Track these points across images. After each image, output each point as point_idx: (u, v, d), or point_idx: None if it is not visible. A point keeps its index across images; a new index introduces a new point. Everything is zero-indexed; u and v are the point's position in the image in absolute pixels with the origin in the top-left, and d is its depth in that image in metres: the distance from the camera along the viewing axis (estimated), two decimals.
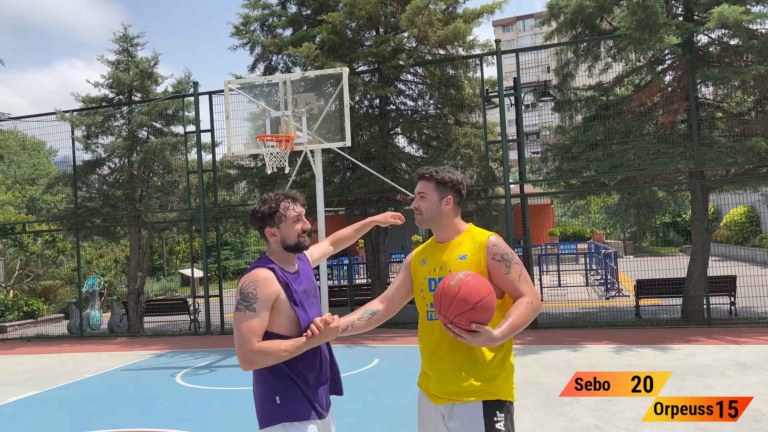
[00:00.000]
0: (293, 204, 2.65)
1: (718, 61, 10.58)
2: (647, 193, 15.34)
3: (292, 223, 2.62)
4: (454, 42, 11.55)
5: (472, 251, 2.59)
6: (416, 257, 2.79)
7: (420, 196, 2.70)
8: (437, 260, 2.65)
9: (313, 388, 2.62)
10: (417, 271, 2.74)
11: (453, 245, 2.66)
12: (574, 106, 11.99)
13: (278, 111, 9.35)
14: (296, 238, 2.63)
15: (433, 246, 2.74)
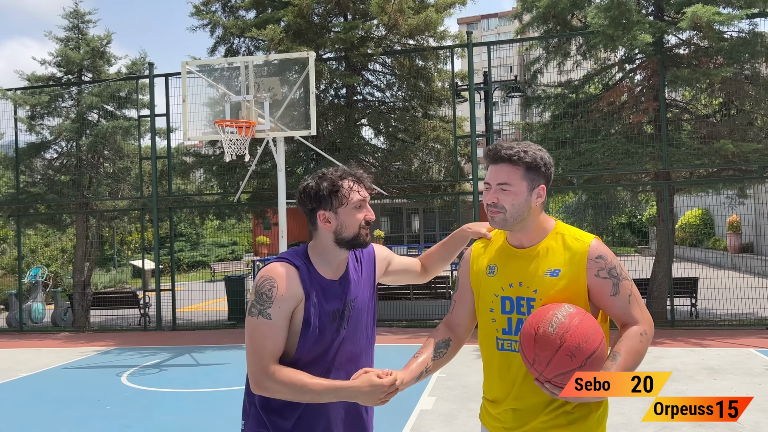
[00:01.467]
0: (358, 185, 2.02)
1: (687, 63, 10.56)
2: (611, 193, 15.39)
3: (353, 209, 1.99)
4: (425, 32, 11.22)
5: (567, 264, 1.95)
6: (477, 262, 2.14)
7: (501, 188, 1.95)
8: (514, 272, 2.01)
9: None
10: (481, 281, 2.10)
11: (538, 253, 2.00)
12: (543, 103, 11.83)
13: (239, 96, 8.84)
14: (357, 229, 2.00)
15: (506, 250, 2.07)
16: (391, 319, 11.82)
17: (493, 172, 1.98)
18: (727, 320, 10.58)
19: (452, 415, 5.80)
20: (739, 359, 7.73)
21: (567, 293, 1.92)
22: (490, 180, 1.99)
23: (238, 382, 7.34)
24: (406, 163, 11.85)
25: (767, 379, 6.72)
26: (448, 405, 6.11)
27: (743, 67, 10.41)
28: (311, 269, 2.00)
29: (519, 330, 1.93)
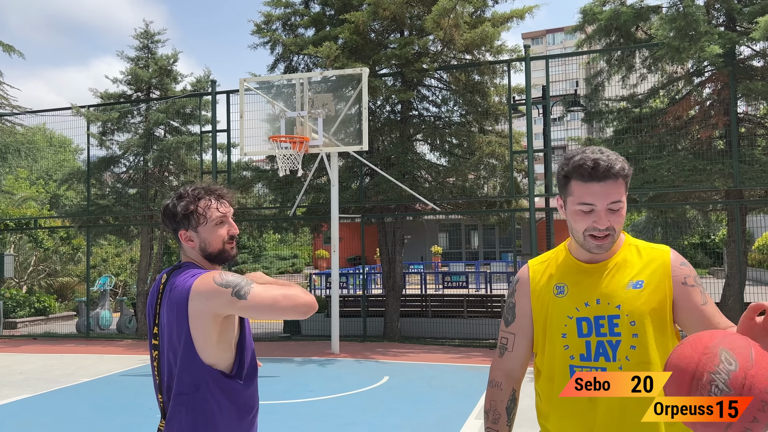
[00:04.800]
0: (217, 202, 2.03)
1: (761, 75, 9.96)
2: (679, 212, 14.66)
3: (214, 226, 2.02)
4: (481, 46, 11.08)
5: (649, 274, 1.78)
6: (539, 283, 1.89)
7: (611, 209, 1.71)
8: (590, 290, 1.80)
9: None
10: (545, 303, 1.86)
11: (616, 266, 1.81)
12: (605, 118, 11.43)
13: (294, 111, 8.97)
14: (220, 245, 2.03)
15: (574, 266, 1.85)
16: (443, 337, 11.62)
17: (600, 191, 1.71)
18: None
19: None
20: None
21: (652, 305, 1.76)
22: (595, 200, 1.71)
23: (288, 396, 7.36)
24: (461, 178, 11.69)
25: None
26: None
27: None
28: None
29: (600, 355, 1.75)
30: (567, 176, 1.76)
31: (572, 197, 1.76)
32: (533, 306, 1.89)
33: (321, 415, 6.56)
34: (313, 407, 6.91)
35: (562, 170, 1.79)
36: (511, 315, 1.94)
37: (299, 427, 6.08)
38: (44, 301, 16.53)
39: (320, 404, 7.03)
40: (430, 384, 8.01)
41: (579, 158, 1.74)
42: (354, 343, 11.30)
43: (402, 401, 7.12)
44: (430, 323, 12.13)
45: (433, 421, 6.22)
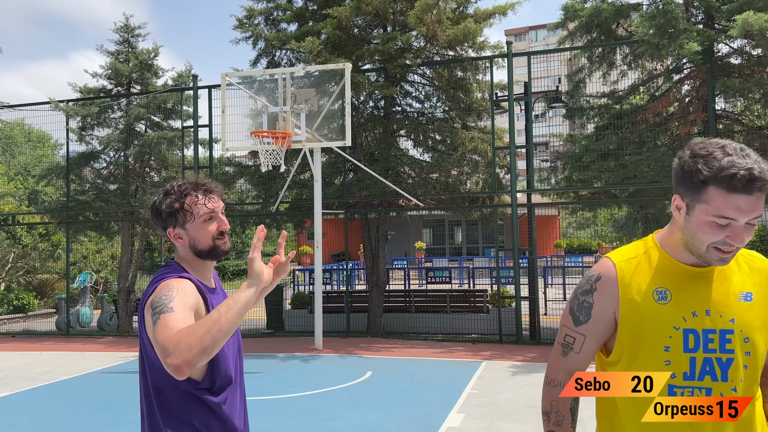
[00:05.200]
0: (204, 197, 1.95)
1: (738, 72, 10.12)
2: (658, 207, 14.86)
3: (203, 222, 1.94)
4: (464, 42, 11.11)
5: (757, 286, 1.63)
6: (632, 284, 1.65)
7: (750, 224, 1.52)
8: (698, 298, 1.60)
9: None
10: (645, 311, 1.62)
11: (719, 273, 1.63)
12: (587, 114, 11.54)
13: (277, 107, 8.93)
14: (211, 242, 1.95)
15: (678, 269, 1.64)
16: (426, 332, 11.67)
17: (746, 206, 1.49)
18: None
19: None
20: None
21: (762, 320, 1.59)
22: (738, 215, 1.49)
23: (271, 392, 7.36)
24: (444, 174, 11.73)
25: None
26: (476, 423, 5.94)
27: None
28: (197, 280, 1.94)
29: (707, 373, 1.55)
30: (705, 181, 1.49)
31: (706, 206, 1.51)
32: (622, 311, 1.65)
33: (304, 410, 6.56)
34: (296, 403, 6.91)
35: (698, 173, 1.51)
36: (584, 315, 1.71)
37: (283, 423, 6.08)
38: (23, 299, 16.31)
39: (303, 400, 7.03)
40: (413, 378, 8.05)
41: (727, 164, 1.46)
42: (337, 339, 11.31)
43: (385, 396, 7.14)
44: (414, 318, 12.17)
45: (416, 415, 6.25)
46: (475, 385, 7.52)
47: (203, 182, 2.00)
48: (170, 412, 1.85)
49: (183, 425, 1.85)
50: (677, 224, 1.63)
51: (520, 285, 10.82)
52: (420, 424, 5.93)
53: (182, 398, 1.85)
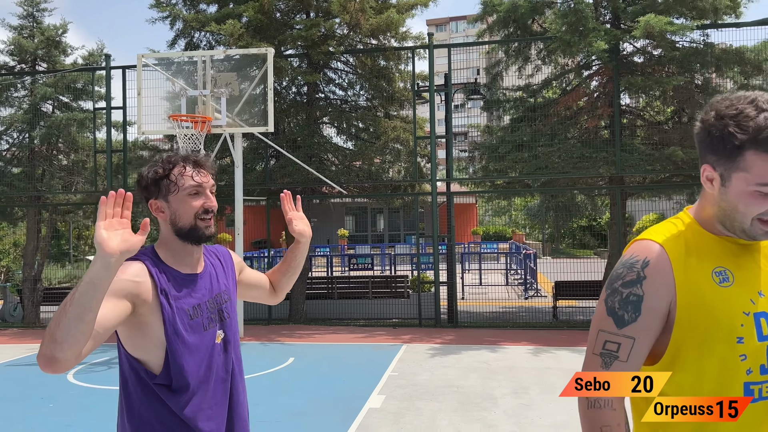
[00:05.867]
0: (193, 170, 1.82)
1: (641, 70, 10.82)
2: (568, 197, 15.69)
3: (187, 196, 1.79)
4: (387, 32, 11.24)
5: None
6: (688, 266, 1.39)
7: None
8: (756, 275, 1.41)
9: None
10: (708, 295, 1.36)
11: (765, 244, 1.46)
12: (503, 107, 11.99)
13: (196, 90, 8.72)
14: (192, 220, 1.79)
15: (733, 246, 1.42)
16: (349, 318, 11.82)
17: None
18: None
19: (400, 413, 5.83)
20: None
21: None
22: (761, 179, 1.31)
23: None
24: (367, 162, 11.86)
25: None
26: (397, 403, 6.14)
27: (694, 76, 10.73)
28: (160, 263, 1.80)
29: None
30: (741, 146, 1.30)
31: (746, 174, 1.31)
32: (680, 301, 1.37)
33: None
34: None
35: (731, 137, 1.31)
36: (631, 312, 1.39)
37: None
38: None
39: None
40: (336, 363, 8.18)
41: (764, 121, 1.28)
42: (259, 327, 11.25)
43: (307, 381, 7.23)
44: (336, 305, 12.28)
45: (338, 398, 6.38)
46: (396, 368, 7.75)
47: (194, 155, 1.88)
48: (132, 406, 1.77)
49: (142, 422, 1.75)
50: (709, 198, 1.41)
51: (439, 271, 11.16)
52: (342, 407, 6.07)
53: (144, 392, 1.75)
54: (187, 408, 1.75)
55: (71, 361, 1.45)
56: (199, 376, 1.79)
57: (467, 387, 6.74)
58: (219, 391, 1.85)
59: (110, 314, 1.60)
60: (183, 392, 1.75)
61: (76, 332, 1.43)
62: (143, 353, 1.74)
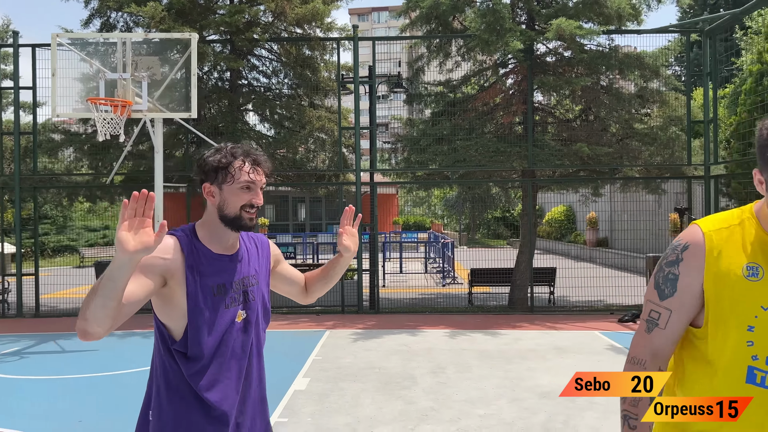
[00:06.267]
0: (251, 167, 1.98)
1: (553, 71, 11.50)
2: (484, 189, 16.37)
3: (239, 189, 1.97)
4: (312, 22, 11.31)
5: None
6: (722, 258, 1.56)
7: None
8: None
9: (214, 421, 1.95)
10: (734, 287, 1.54)
11: None
12: (424, 100, 12.37)
13: (115, 73, 8.48)
14: (238, 210, 1.97)
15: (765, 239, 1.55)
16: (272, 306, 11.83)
17: None
18: (579, 306, 11.72)
19: (324, 394, 6.05)
20: (585, 340, 8.65)
21: None
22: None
23: (109, 368, 7.15)
24: (291, 151, 11.92)
25: (606, 357, 7.61)
26: (321, 385, 6.35)
27: (600, 77, 11.52)
28: (195, 241, 1.98)
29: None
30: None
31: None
32: (706, 284, 1.56)
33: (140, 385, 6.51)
34: (140, 377, 6.81)
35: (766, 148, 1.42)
36: (670, 288, 1.62)
37: (130, 396, 6.00)
38: None
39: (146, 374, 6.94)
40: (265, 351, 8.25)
41: None
42: None
43: None
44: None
45: None
46: (320, 352, 7.95)
47: (255, 154, 2.03)
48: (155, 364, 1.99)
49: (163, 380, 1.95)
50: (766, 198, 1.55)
51: (362, 259, 11.43)
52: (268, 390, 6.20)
53: (167, 354, 1.94)
54: (198, 378, 1.92)
55: (102, 334, 1.69)
56: (214, 350, 1.94)
57: (389, 368, 7.05)
58: (233, 369, 1.99)
59: (139, 290, 1.79)
60: (196, 362, 1.92)
61: (101, 314, 1.65)
62: (168, 320, 1.93)
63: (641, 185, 12.18)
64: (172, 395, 1.94)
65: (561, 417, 5.31)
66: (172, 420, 1.93)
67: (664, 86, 11.77)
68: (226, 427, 1.96)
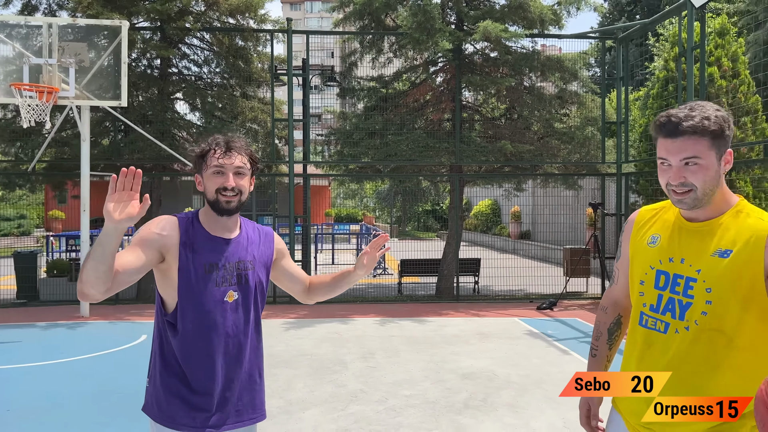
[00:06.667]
0: (222, 153, 2.14)
1: (480, 70, 12.02)
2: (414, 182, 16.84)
3: (212, 174, 2.14)
4: (246, 13, 11.31)
5: (742, 244, 1.72)
6: (641, 230, 1.97)
7: (686, 164, 1.73)
8: (679, 247, 1.83)
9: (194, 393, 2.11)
10: (638, 250, 1.95)
11: (711, 230, 1.79)
12: (357, 95, 12.63)
13: (41, 58, 8.26)
14: (214, 194, 2.13)
15: (677, 222, 1.88)
16: None
17: (673, 147, 1.73)
18: (502, 295, 12.36)
19: None
20: (505, 326, 9.20)
21: (736, 277, 1.70)
22: (668, 156, 1.74)
23: (39, 358, 7.05)
24: None
25: (523, 341, 8.17)
26: None
27: (523, 78, 12.15)
28: (195, 223, 2.18)
29: (668, 310, 1.80)
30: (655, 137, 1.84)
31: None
32: (630, 248, 2.00)
33: (82, 373, 6.50)
34: (70, 367, 6.77)
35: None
36: (618, 252, 2.11)
37: (61, 385, 5.97)
38: None
39: (77, 364, 6.91)
40: None
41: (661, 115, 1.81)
42: (105, 307, 10.89)
43: None
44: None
45: None
46: None
47: (229, 139, 2.18)
48: (153, 332, 2.21)
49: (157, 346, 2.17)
50: None
51: (294, 250, 11.58)
52: None
53: (163, 324, 2.14)
54: (182, 349, 2.10)
55: (99, 296, 1.91)
56: (201, 325, 2.10)
57: (320, 354, 7.31)
58: (219, 345, 2.12)
59: (135, 260, 2.01)
60: (183, 334, 2.10)
61: (94, 277, 1.86)
62: (164, 293, 2.15)
63: (560, 181, 12.95)
64: (165, 364, 2.13)
65: (480, 395, 5.74)
66: (162, 387, 2.12)
67: (581, 88, 12.56)
68: (210, 398, 2.10)
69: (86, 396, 5.73)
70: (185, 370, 2.10)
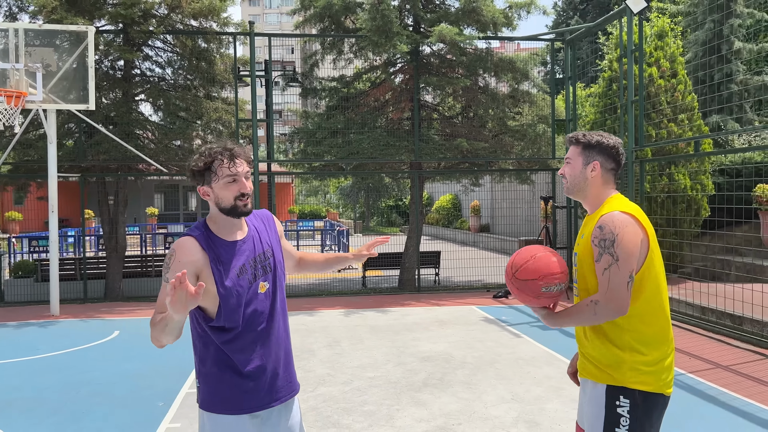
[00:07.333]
0: (230, 161, 2.22)
1: (437, 71, 12.55)
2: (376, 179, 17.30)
3: (226, 184, 2.22)
4: (208, 16, 11.57)
5: (589, 230, 2.38)
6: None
7: (566, 162, 2.50)
8: (581, 233, 2.47)
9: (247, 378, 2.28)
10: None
11: (588, 220, 2.46)
12: (319, 95, 13.03)
13: (8, 63, 8.42)
14: (232, 201, 2.23)
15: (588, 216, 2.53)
16: None
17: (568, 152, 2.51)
18: (461, 285, 12.96)
19: None
20: (463, 314, 9.77)
21: (585, 253, 2.37)
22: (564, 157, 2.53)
23: (12, 355, 7.27)
24: (187, 141, 12.13)
25: (478, 327, 8.74)
26: None
27: (478, 78, 12.73)
28: (210, 235, 2.27)
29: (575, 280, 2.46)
30: None
31: None
32: None
33: (56, 368, 6.77)
34: (44, 362, 7.02)
35: None
36: None
37: (39, 379, 6.25)
38: None
39: (51, 359, 7.16)
40: None
41: None
42: (74, 305, 11.08)
43: (138, 349, 7.65)
44: (153, 282, 12.44)
45: (170, 362, 6.96)
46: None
47: (231, 147, 2.26)
48: (196, 344, 2.33)
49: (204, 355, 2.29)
50: None
51: None
52: (176, 368, 6.69)
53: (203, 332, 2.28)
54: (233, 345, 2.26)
55: (172, 342, 2.12)
56: (245, 320, 2.27)
57: None
58: (264, 331, 2.32)
59: None
60: (231, 332, 2.25)
61: (163, 337, 2.10)
62: (204, 303, 2.24)
63: (513, 176, 13.60)
64: (212, 363, 2.28)
65: (438, 375, 6.27)
66: (219, 382, 2.28)
67: (533, 88, 13.22)
68: (264, 380, 2.31)
69: (65, 388, 6.03)
70: (237, 361, 2.25)
